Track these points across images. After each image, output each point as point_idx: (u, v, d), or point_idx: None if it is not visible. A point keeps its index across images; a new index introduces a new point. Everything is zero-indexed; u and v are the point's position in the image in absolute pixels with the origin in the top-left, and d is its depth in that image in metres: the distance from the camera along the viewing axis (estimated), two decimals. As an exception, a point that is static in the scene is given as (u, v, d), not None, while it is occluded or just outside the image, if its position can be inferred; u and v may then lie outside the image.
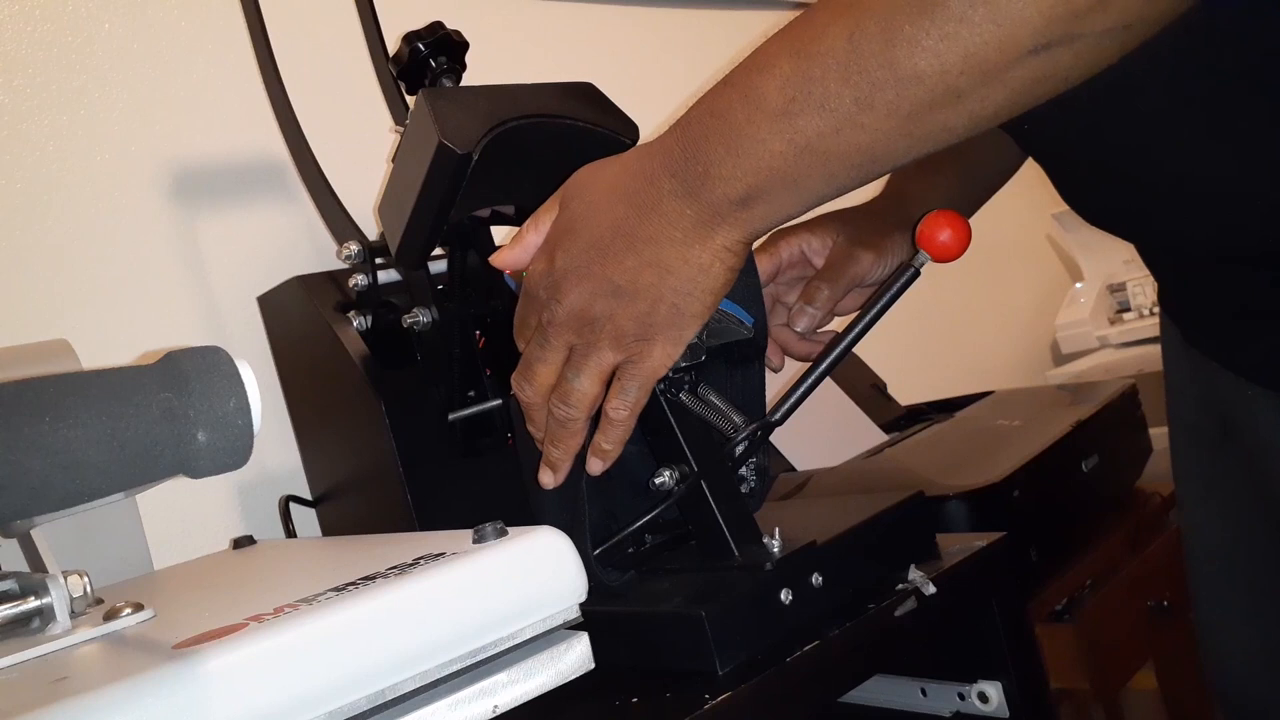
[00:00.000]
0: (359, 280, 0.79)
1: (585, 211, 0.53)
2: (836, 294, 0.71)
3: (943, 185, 0.77)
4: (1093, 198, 0.64)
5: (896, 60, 0.43)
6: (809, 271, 0.73)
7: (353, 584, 0.45)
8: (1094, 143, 0.58)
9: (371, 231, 0.79)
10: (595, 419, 0.57)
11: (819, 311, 0.71)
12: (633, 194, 0.51)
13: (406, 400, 0.75)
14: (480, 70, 0.74)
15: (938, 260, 0.58)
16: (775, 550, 0.55)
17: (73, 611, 0.48)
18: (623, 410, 0.55)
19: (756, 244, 0.70)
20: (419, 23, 0.72)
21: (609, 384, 0.55)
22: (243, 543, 0.75)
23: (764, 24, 1.56)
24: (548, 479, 0.58)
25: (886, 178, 0.79)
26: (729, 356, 0.63)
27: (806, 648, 0.52)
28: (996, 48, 0.41)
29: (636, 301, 0.52)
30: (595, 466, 0.57)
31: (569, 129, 0.66)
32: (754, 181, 0.48)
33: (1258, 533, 0.69)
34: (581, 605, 0.48)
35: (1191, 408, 0.74)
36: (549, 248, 0.55)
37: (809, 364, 0.61)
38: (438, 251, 0.75)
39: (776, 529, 0.56)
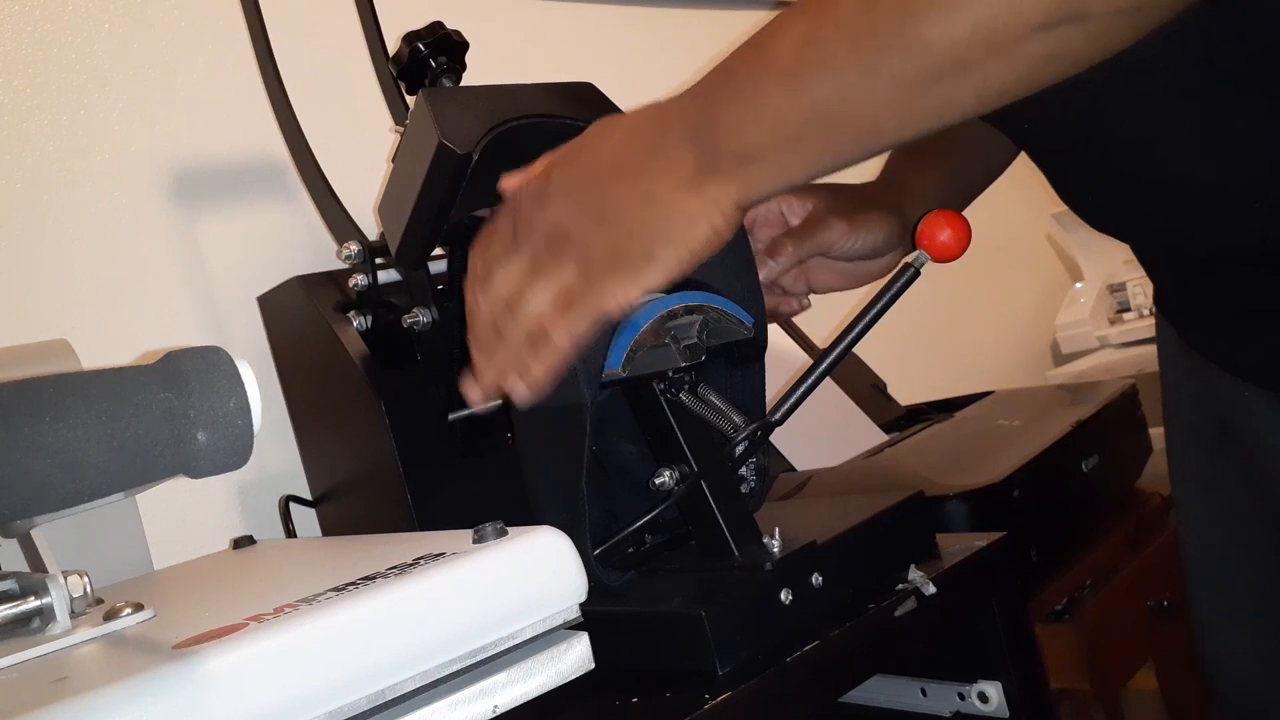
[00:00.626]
0: (359, 280, 0.79)
1: (594, 143, 0.54)
2: (800, 254, 0.71)
3: (935, 176, 0.77)
4: (1091, 197, 0.64)
5: (905, 26, 0.43)
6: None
7: (353, 584, 0.45)
8: (1094, 140, 0.58)
9: (371, 231, 0.79)
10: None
11: (778, 267, 0.71)
12: (643, 134, 0.52)
13: (406, 400, 0.75)
14: (480, 70, 0.74)
15: (938, 260, 0.58)
16: (775, 550, 0.55)
17: (73, 611, 0.48)
18: (563, 336, 0.54)
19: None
20: (419, 23, 0.72)
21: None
22: (243, 543, 0.75)
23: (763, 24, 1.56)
24: (474, 395, 0.57)
25: (883, 163, 0.80)
26: (729, 356, 0.63)
27: (806, 648, 0.52)
28: (1004, 20, 0.42)
29: (615, 230, 0.52)
30: (519, 391, 0.55)
31: (569, 129, 0.66)
32: (756, 139, 0.48)
33: (1256, 533, 0.69)
34: (581, 605, 0.48)
35: (1188, 408, 0.73)
36: (548, 166, 0.55)
37: (809, 364, 0.61)
38: (438, 251, 0.74)
39: (776, 529, 0.56)
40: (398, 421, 0.74)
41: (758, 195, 0.51)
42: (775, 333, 1.14)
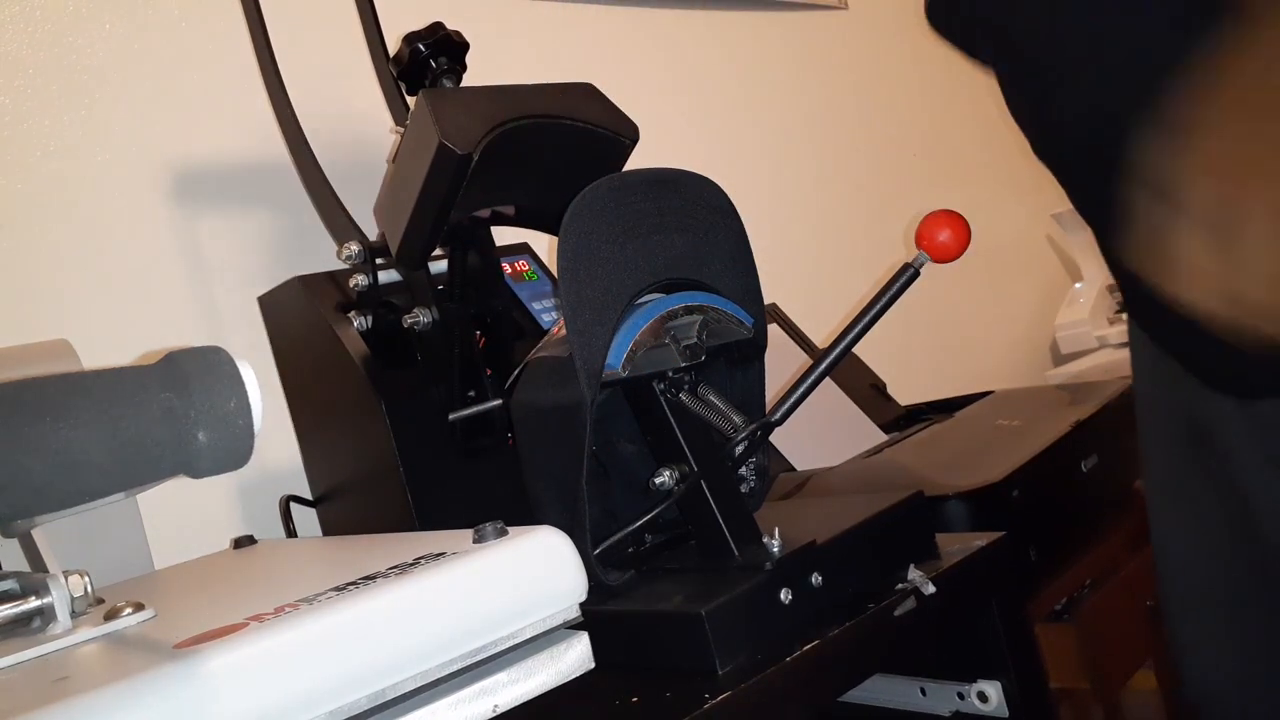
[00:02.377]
0: (359, 280, 0.79)
1: None
2: None
3: None
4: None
5: None
6: None
7: (353, 584, 0.45)
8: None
9: (371, 231, 0.79)
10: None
11: None
12: None
13: (406, 400, 0.75)
14: (480, 71, 0.74)
15: (937, 260, 0.58)
16: (775, 550, 0.55)
17: (73, 611, 0.48)
18: None
19: None
20: (419, 23, 0.72)
21: None
22: (243, 542, 0.75)
23: (762, 24, 1.56)
24: None
25: None
26: (729, 356, 0.63)
27: (806, 647, 0.52)
28: None
29: None
30: None
31: (569, 129, 0.66)
32: None
33: (1227, 541, 0.68)
34: (581, 605, 0.48)
35: (1161, 415, 0.73)
36: None
37: (809, 364, 0.61)
38: (438, 251, 0.75)
39: (776, 529, 0.56)
40: (398, 421, 0.74)
41: None
42: (775, 333, 1.14)
